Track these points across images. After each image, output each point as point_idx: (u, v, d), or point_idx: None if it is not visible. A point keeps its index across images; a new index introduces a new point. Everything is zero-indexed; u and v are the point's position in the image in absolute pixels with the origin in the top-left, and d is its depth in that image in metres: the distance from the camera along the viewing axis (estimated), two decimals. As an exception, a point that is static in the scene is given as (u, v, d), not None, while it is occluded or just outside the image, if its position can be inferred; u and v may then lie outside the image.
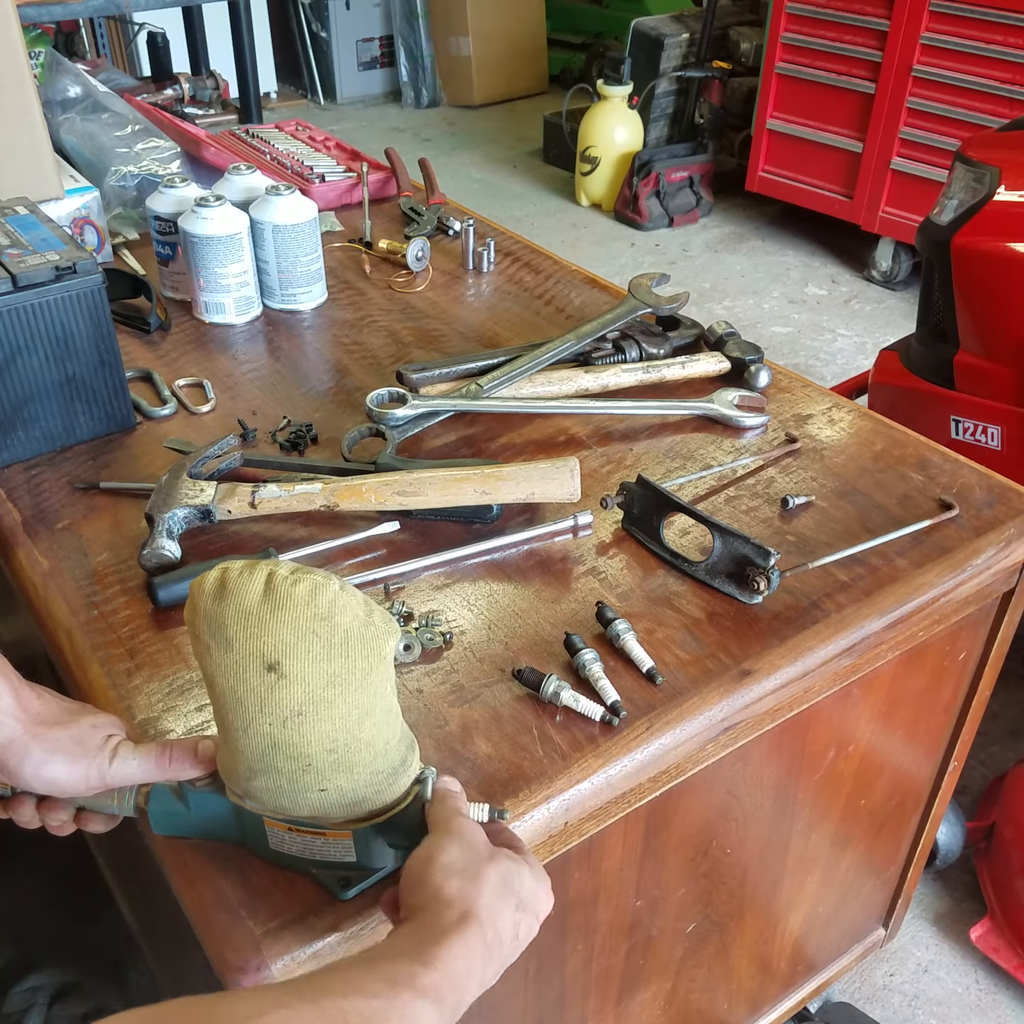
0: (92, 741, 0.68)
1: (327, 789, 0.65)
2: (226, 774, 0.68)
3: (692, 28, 4.28)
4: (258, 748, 0.64)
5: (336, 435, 1.14)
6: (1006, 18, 3.08)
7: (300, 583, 0.60)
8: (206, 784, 0.69)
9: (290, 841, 0.68)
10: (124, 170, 1.57)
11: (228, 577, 0.61)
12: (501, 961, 0.61)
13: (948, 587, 0.97)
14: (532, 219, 4.31)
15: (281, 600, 0.60)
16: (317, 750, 0.63)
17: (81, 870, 1.33)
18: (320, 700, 0.62)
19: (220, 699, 0.64)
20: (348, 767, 0.64)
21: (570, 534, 1.01)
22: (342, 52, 5.73)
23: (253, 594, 0.60)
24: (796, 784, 1.05)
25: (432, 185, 1.75)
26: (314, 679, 0.61)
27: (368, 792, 0.66)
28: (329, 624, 0.60)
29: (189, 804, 0.70)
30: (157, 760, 0.68)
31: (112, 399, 1.14)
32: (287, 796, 0.65)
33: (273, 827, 0.68)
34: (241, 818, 0.69)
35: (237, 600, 0.60)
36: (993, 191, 1.77)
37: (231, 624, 0.60)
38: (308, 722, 0.62)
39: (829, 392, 1.24)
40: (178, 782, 0.70)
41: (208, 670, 0.63)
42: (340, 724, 0.63)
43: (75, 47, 4.13)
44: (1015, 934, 1.55)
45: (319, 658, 0.61)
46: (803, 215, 3.97)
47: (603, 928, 0.95)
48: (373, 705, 0.64)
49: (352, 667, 0.62)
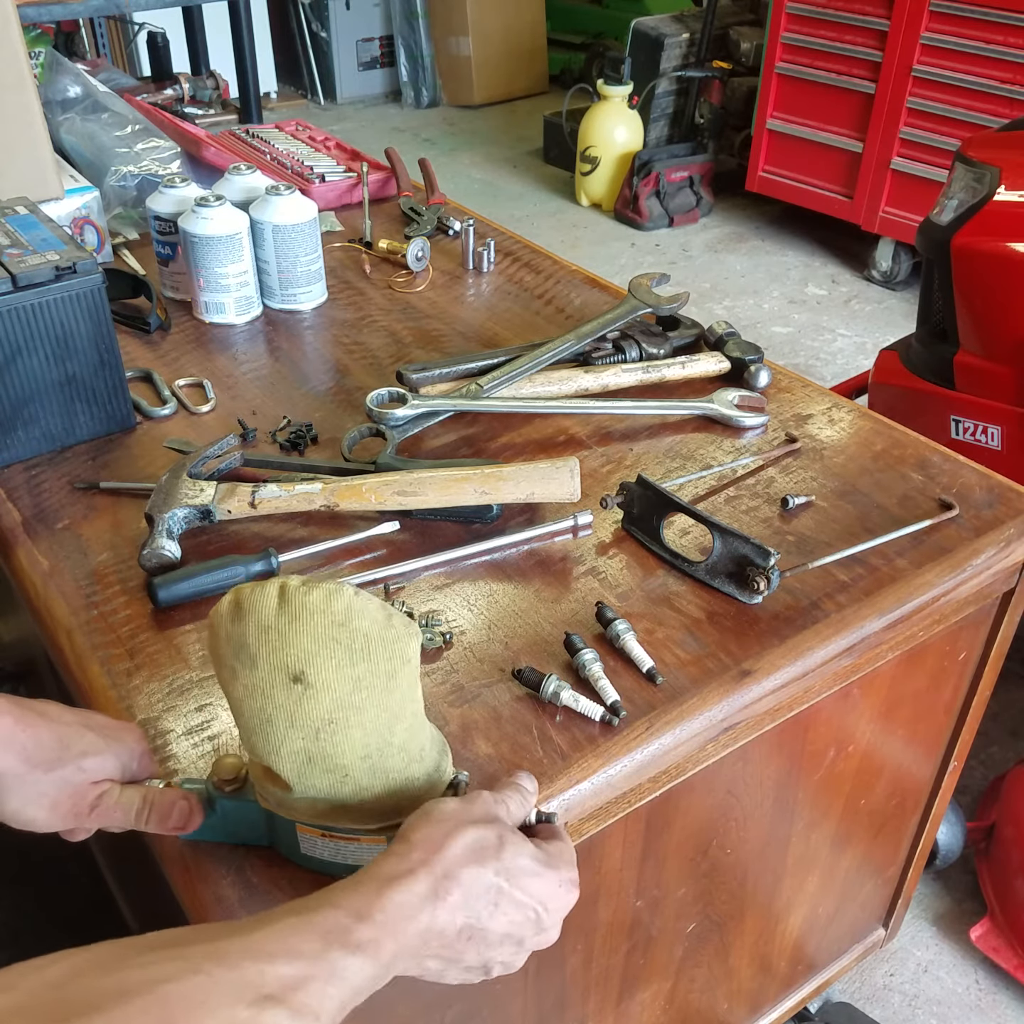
0: (75, 787, 0.66)
1: (365, 798, 0.65)
2: (258, 784, 0.67)
3: (692, 28, 4.28)
4: (294, 767, 0.63)
5: (336, 435, 1.14)
6: (1006, 18, 3.08)
7: (313, 591, 0.60)
8: (235, 790, 0.69)
9: (323, 846, 0.68)
10: (124, 170, 1.57)
11: (242, 597, 0.61)
12: (462, 920, 0.58)
13: (948, 587, 0.97)
14: (532, 219, 4.31)
15: (297, 610, 0.60)
16: (352, 759, 0.63)
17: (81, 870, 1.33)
18: (349, 706, 0.61)
19: (249, 724, 0.63)
20: (384, 773, 0.64)
21: (570, 534, 1.01)
22: (342, 52, 5.73)
23: (269, 608, 0.60)
24: (796, 784, 1.05)
25: (432, 185, 1.75)
26: (340, 685, 0.61)
27: (403, 798, 0.66)
28: (348, 629, 0.60)
29: (217, 810, 0.69)
30: (136, 816, 0.68)
31: (112, 399, 1.14)
32: (325, 807, 0.65)
33: (306, 833, 0.67)
34: (272, 824, 0.69)
35: (255, 617, 0.60)
36: (993, 191, 1.77)
37: (253, 641, 0.60)
38: (340, 730, 0.62)
39: (829, 392, 1.24)
40: (206, 785, 0.70)
41: (235, 695, 0.63)
42: (371, 729, 0.62)
43: (75, 47, 4.13)
44: (1015, 934, 1.55)
45: (343, 664, 0.60)
46: (803, 215, 3.97)
47: (603, 928, 0.95)
48: (403, 709, 0.64)
49: (376, 670, 0.61)
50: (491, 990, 0.89)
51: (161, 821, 0.68)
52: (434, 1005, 0.85)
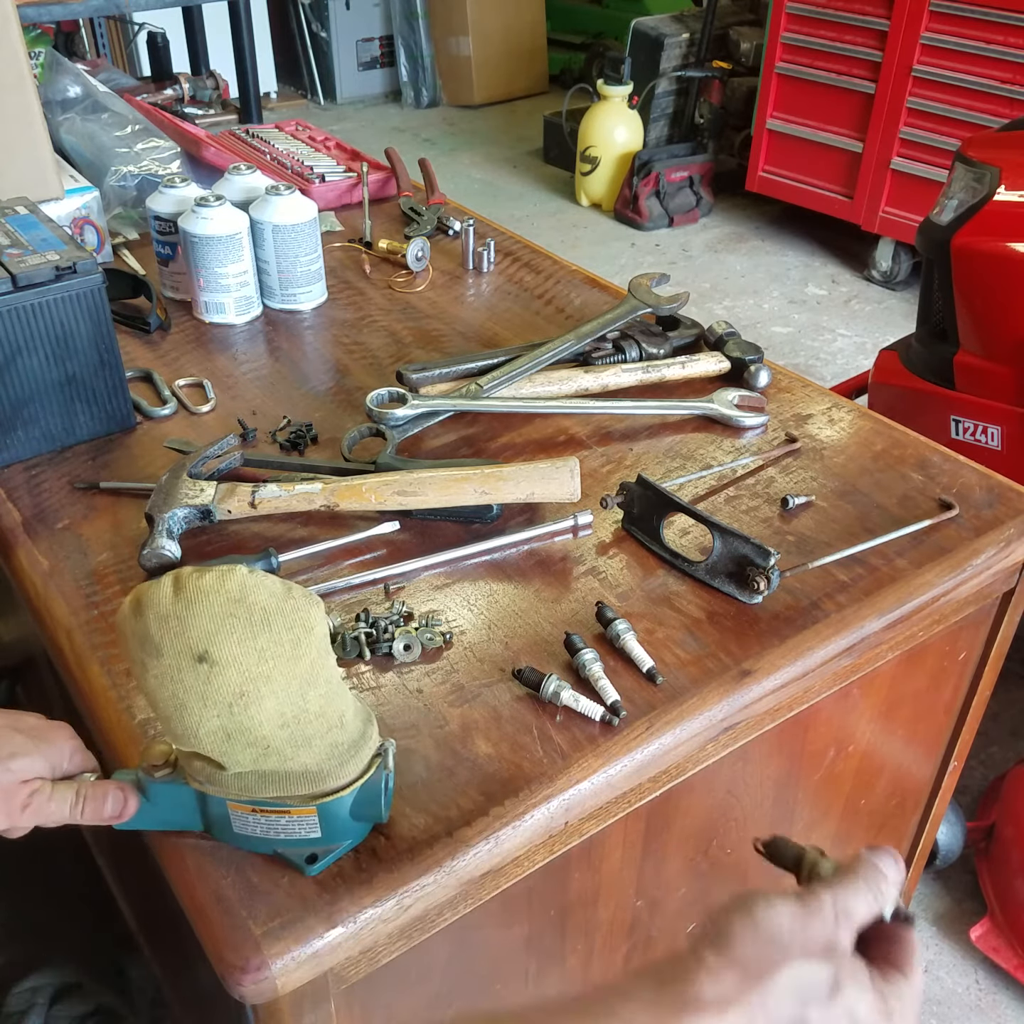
0: (5, 788, 0.67)
1: (290, 767, 0.66)
2: (187, 765, 0.69)
3: (692, 28, 4.28)
4: (215, 746, 0.65)
5: (336, 435, 1.14)
6: (1006, 18, 3.08)
7: (205, 575, 0.62)
8: (166, 774, 0.70)
9: (254, 822, 0.69)
10: (124, 170, 1.57)
11: (140, 593, 0.63)
12: None
13: (948, 587, 0.97)
14: (532, 219, 4.31)
15: (192, 594, 0.62)
16: (271, 729, 0.64)
17: (81, 870, 1.33)
18: (257, 676, 0.63)
19: (166, 712, 0.65)
20: (305, 741, 0.66)
21: (570, 534, 1.01)
22: (342, 52, 5.73)
23: (166, 598, 0.62)
24: (796, 784, 1.05)
25: (432, 185, 1.75)
26: (245, 657, 0.62)
27: (331, 766, 0.67)
28: (245, 605, 0.62)
29: (149, 795, 0.70)
30: (71, 810, 0.69)
31: (112, 399, 1.14)
32: (253, 780, 0.67)
33: (237, 810, 0.69)
34: (204, 804, 0.70)
35: (153, 608, 0.62)
36: (993, 191, 1.77)
37: (155, 632, 0.62)
38: (252, 702, 0.63)
39: (829, 392, 1.24)
40: (136, 773, 0.71)
41: (149, 687, 0.64)
42: (284, 697, 0.64)
43: (75, 47, 4.13)
44: (1015, 934, 1.55)
45: (244, 637, 0.62)
46: (803, 215, 3.97)
47: (603, 928, 0.95)
48: (314, 676, 0.65)
49: (279, 639, 0.63)
50: (491, 990, 0.89)
51: (96, 812, 0.69)
52: (434, 1005, 0.85)
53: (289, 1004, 0.70)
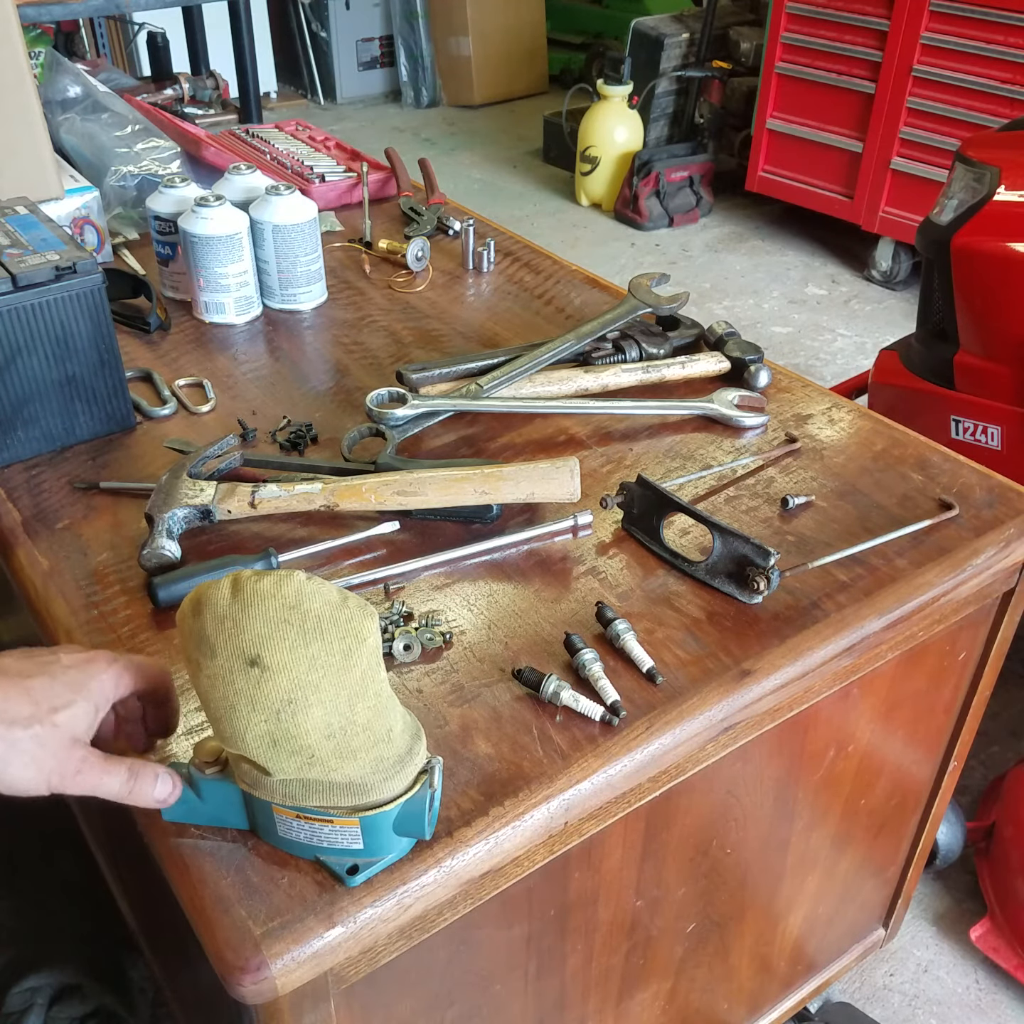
0: (56, 743, 0.66)
1: (334, 778, 0.66)
2: (236, 766, 0.69)
3: (692, 28, 4.28)
4: (262, 751, 0.65)
5: (336, 435, 1.14)
6: (1006, 18, 3.08)
7: (264, 579, 0.63)
8: (216, 771, 0.70)
9: (298, 828, 0.69)
10: (124, 170, 1.57)
11: (200, 592, 0.64)
12: None
13: (948, 587, 0.97)
14: (532, 219, 4.31)
15: (249, 597, 0.62)
16: (316, 739, 0.64)
17: (81, 871, 1.33)
18: (306, 684, 0.63)
19: (216, 713, 0.65)
20: (351, 753, 0.65)
21: (570, 534, 1.01)
22: (342, 52, 5.73)
23: (223, 599, 0.63)
24: (796, 784, 1.05)
25: (432, 185, 1.75)
26: (295, 664, 0.62)
27: (375, 780, 0.67)
28: (299, 611, 0.62)
29: (199, 791, 0.70)
30: (120, 788, 0.68)
31: (112, 399, 1.14)
32: (297, 788, 0.67)
33: (282, 814, 0.69)
34: (250, 805, 0.70)
35: (211, 609, 0.63)
36: (993, 191, 1.77)
37: (211, 632, 0.63)
38: (300, 710, 0.63)
39: (829, 392, 1.24)
40: (188, 768, 0.71)
41: (202, 688, 0.65)
42: (332, 707, 0.64)
43: (75, 47, 4.13)
44: (1015, 934, 1.55)
45: (296, 644, 0.62)
46: (803, 215, 3.97)
47: (603, 928, 0.95)
48: (363, 688, 0.65)
49: (331, 649, 0.63)
50: (491, 990, 0.89)
51: (143, 793, 0.69)
52: (434, 1005, 0.85)
53: (289, 1004, 0.70)
